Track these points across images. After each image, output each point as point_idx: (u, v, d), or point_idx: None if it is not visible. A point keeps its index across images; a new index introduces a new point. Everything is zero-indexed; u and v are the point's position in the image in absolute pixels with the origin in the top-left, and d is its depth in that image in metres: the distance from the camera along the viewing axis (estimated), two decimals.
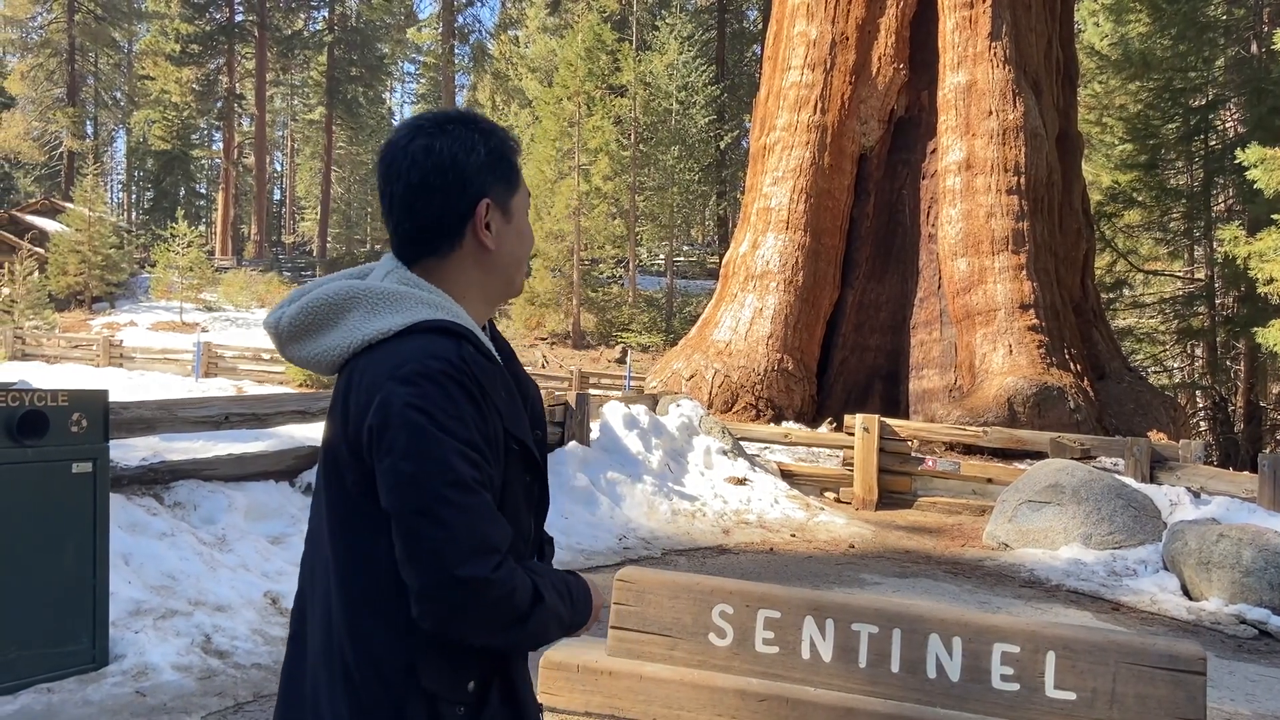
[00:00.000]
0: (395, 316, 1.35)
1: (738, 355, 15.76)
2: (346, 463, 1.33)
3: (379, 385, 1.29)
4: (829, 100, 16.38)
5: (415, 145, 1.43)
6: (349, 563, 1.34)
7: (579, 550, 7.00)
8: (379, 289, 1.39)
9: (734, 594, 4.01)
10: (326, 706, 1.34)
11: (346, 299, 1.39)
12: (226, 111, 55.36)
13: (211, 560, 4.79)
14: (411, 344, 1.32)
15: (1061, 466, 8.21)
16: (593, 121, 34.32)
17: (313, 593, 1.42)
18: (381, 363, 1.31)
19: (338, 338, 1.38)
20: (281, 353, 1.47)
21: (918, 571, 7.40)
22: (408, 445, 1.25)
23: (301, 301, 1.43)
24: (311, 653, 1.39)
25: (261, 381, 24.74)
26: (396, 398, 1.27)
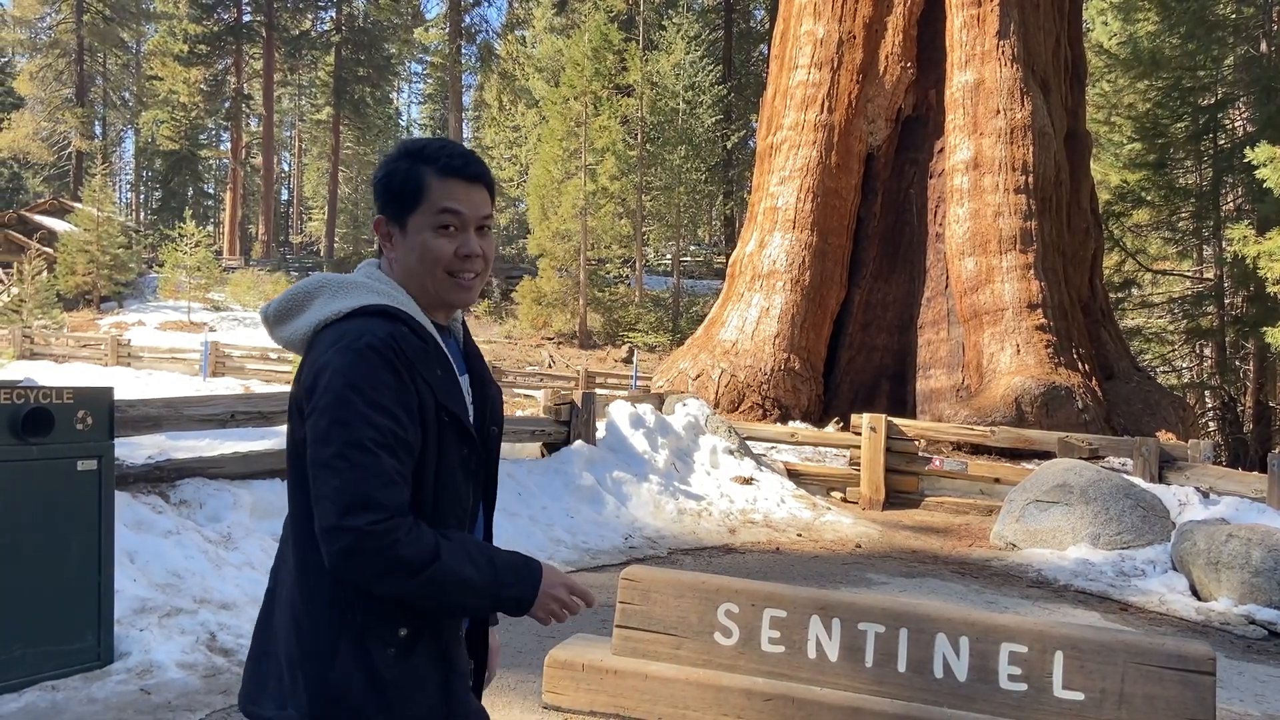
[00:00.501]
0: (346, 300, 1.59)
1: (744, 355, 15.74)
2: (298, 423, 1.55)
3: (321, 356, 1.52)
4: (836, 99, 16.35)
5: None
6: (302, 514, 1.55)
7: (585, 549, 6.98)
8: (342, 279, 1.65)
9: (740, 593, 3.99)
10: (282, 646, 1.56)
11: (316, 287, 1.66)
12: (234, 112, 55.49)
13: (217, 558, 4.78)
14: (352, 323, 1.55)
15: (1069, 466, 8.18)
16: (599, 121, 34.28)
17: (284, 548, 1.62)
18: (327, 338, 1.55)
19: (305, 320, 1.61)
20: (270, 336, 1.69)
21: (925, 571, 7.37)
22: (326, 405, 1.47)
23: (284, 291, 1.68)
24: (279, 601, 1.60)
25: (269, 380, 24.75)
26: (329, 366, 1.49)
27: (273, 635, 1.60)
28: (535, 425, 8.22)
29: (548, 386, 25.70)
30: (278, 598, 1.61)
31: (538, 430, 8.19)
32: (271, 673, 1.58)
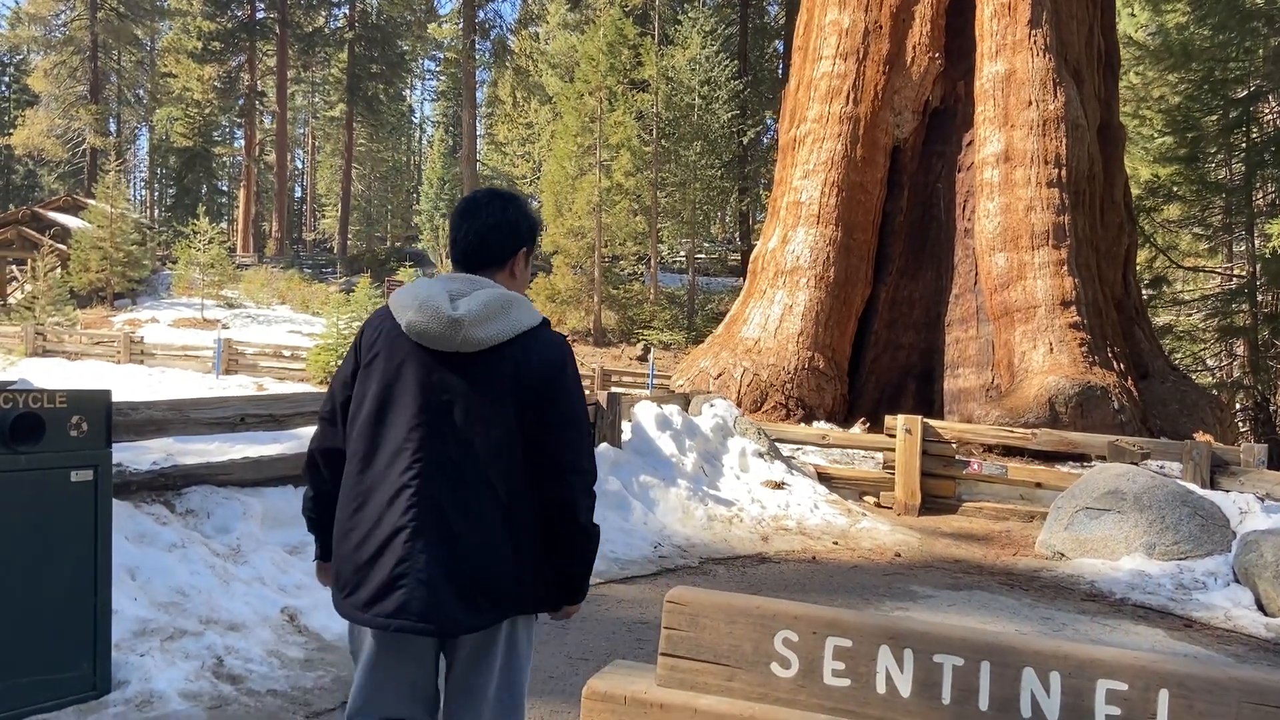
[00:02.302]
0: (535, 314, 2.26)
1: (767, 353, 15.35)
2: (513, 395, 2.16)
3: (556, 353, 2.27)
4: (862, 91, 15.94)
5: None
6: (508, 458, 2.20)
7: (613, 559, 6.62)
8: (519, 297, 2.28)
9: (799, 619, 3.61)
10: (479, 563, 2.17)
11: (510, 300, 2.23)
12: (248, 109, 55.38)
13: (225, 574, 4.44)
14: (554, 332, 2.30)
15: (1122, 472, 7.77)
16: (614, 117, 33.93)
17: (466, 492, 2.17)
18: (547, 339, 2.26)
19: (509, 323, 2.19)
20: (461, 333, 2.14)
21: (971, 583, 6.98)
22: (574, 388, 2.31)
23: (477, 300, 2.19)
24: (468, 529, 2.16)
25: (282, 379, 24.52)
26: (568, 361, 2.30)
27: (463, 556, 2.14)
28: None
29: None
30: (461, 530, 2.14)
31: None
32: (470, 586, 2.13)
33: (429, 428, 2.15)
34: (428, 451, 2.14)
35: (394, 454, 2.15)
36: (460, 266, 2.32)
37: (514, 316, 2.17)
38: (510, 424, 2.15)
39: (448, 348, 2.14)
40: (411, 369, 2.17)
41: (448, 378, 2.16)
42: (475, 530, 2.13)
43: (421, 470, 2.13)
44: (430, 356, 2.17)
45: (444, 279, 2.26)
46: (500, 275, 2.31)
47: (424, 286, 2.22)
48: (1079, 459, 12.76)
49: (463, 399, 2.15)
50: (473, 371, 2.16)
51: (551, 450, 2.18)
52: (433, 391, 2.16)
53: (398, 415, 2.17)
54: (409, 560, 2.10)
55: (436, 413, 2.15)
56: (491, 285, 2.23)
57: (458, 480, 2.13)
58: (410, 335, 2.17)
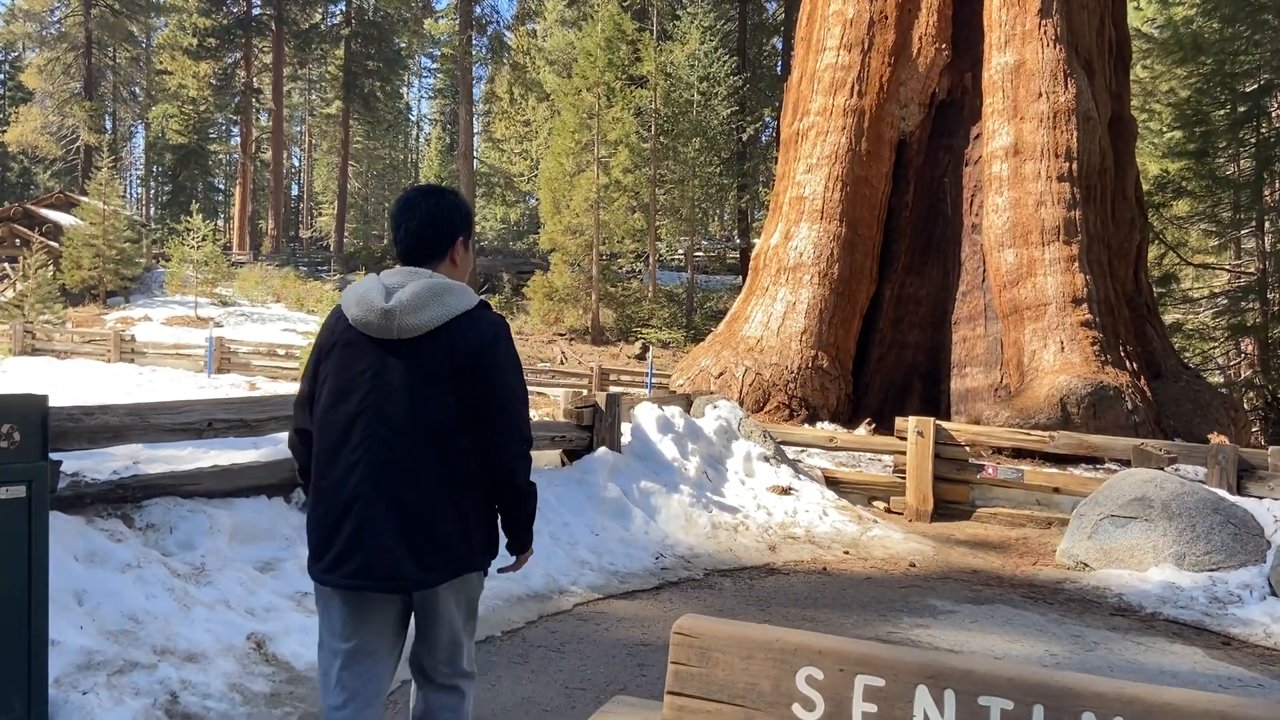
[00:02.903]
0: (469, 298, 2.50)
1: (769, 352, 14.94)
2: (449, 375, 2.40)
3: (487, 332, 2.49)
4: (867, 83, 15.53)
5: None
6: (450, 429, 2.45)
7: (612, 572, 6.21)
8: (454, 284, 2.51)
9: (824, 654, 3.21)
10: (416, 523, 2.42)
11: (443, 288, 2.46)
12: (244, 106, 54.87)
13: (185, 596, 4.02)
14: (491, 314, 2.54)
15: (1149, 477, 7.36)
16: (613, 113, 33.55)
17: (404, 453, 2.42)
18: (481, 320, 2.48)
19: (441, 309, 2.42)
20: (397, 321, 2.37)
21: (992, 596, 6.58)
22: (511, 365, 2.55)
23: (411, 289, 2.43)
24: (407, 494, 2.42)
25: (275, 378, 24.11)
26: (501, 340, 2.54)
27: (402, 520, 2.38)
28: (555, 430, 7.45)
29: (561, 385, 24.95)
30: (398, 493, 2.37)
31: (558, 436, 7.41)
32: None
33: (376, 407, 2.40)
34: (375, 428, 2.39)
35: (346, 432, 2.42)
36: (403, 261, 2.56)
37: (447, 302, 2.40)
38: (449, 399, 2.38)
39: (387, 335, 2.40)
40: (360, 356, 2.43)
41: (390, 361, 2.40)
42: (421, 497, 2.36)
43: (370, 445, 2.39)
44: (374, 344, 2.42)
45: (385, 274, 2.51)
46: (442, 265, 2.54)
47: (364, 283, 2.50)
48: (1092, 461, 12.38)
49: (403, 379, 2.39)
50: (411, 354, 2.40)
51: (488, 421, 2.42)
52: (378, 374, 2.41)
53: (350, 397, 2.43)
54: (363, 527, 2.37)
55: (383, 392, 2.40)
56: (427, 276, 2.45)
57: (403, 452, 2.37)
58: (356, 327, 2.43)
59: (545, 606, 5.46)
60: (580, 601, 5.68)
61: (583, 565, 6.09)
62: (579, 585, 5.85)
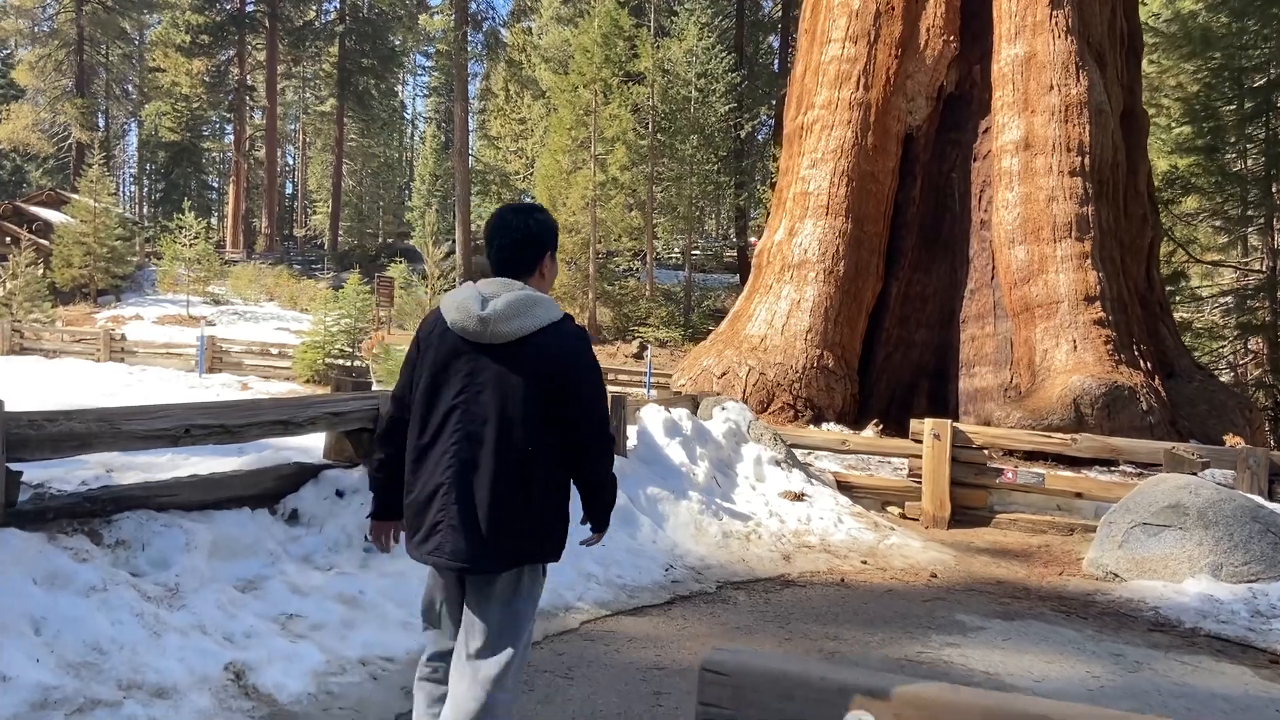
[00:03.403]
0: (555, 310, 2.72)
1: (774, 351, 14.58)
2: (542, 376, 2.63)
3: (570, 342, 2.71)
4: (873, 75, 15.18)
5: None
6: (534, 428, 2.67)
7: (620, 585, 5.84)
8: (541, 296, 2.74)
9: (875, 695, 2.82)
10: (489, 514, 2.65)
11: (533, 300, 2.69)
12: (237, 103, 54.45)
13: (156, 622, 3.64)
14: (574, 324, 2.75)
15: (1183, 484, 7.00)
16: (609, 110, 33.18)
17: (487, 450, 2.65)
18: (568, 331, 2.72)
19: (532, 319, 2.66)
20: (489, 330, 2.62)
21: (1022, 610, 6.21)
22: (592, 367, 2.78)
23: (503, 300, 2.66)
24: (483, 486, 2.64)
25: (268, 377, 23.69)
26: (583, 348, 2.77)
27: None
28: None
29: None
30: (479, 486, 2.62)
31: None
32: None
33: (466, 404, 2.64)
34: (464, 423, 2.63)
35: (439, 425, 2.66)
36: (496, 272, 2.76)
37: (535, 313, 2.62)
38: (532, 401, 2.60)
39: (481, 340, 2.63)
40: (454, 357, 2.67)
41: (481, 363, 2.64)
42: (497, 489, 2.58)
43: (458, 438, 2.62)
44: (469, 346, 2.65)
45: (481, 284, 2.72)
46: (531, 278, 2.75)
47: (462, 291, 2.71)
48: (1106, 464, 12.03)
49: (493, 380, 2.62)
50: (502, 358, 2.62)
51: (571, 421, 2.65)
52: (470, 375, 2.64)
53: (443, 394, 2.66)
54: (444, 510, 2.62)
55: (473, 392, 2.63)
56: (519, 288, 2.67)
57: (488, 448, 2.59)
58: (454, 330, 2.66)
59: (550, 625, 5.09)
60: (587, 619, 5.30)
61: (589, 579, 5.72)
62: (585, 601, 5.48)
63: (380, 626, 4.34)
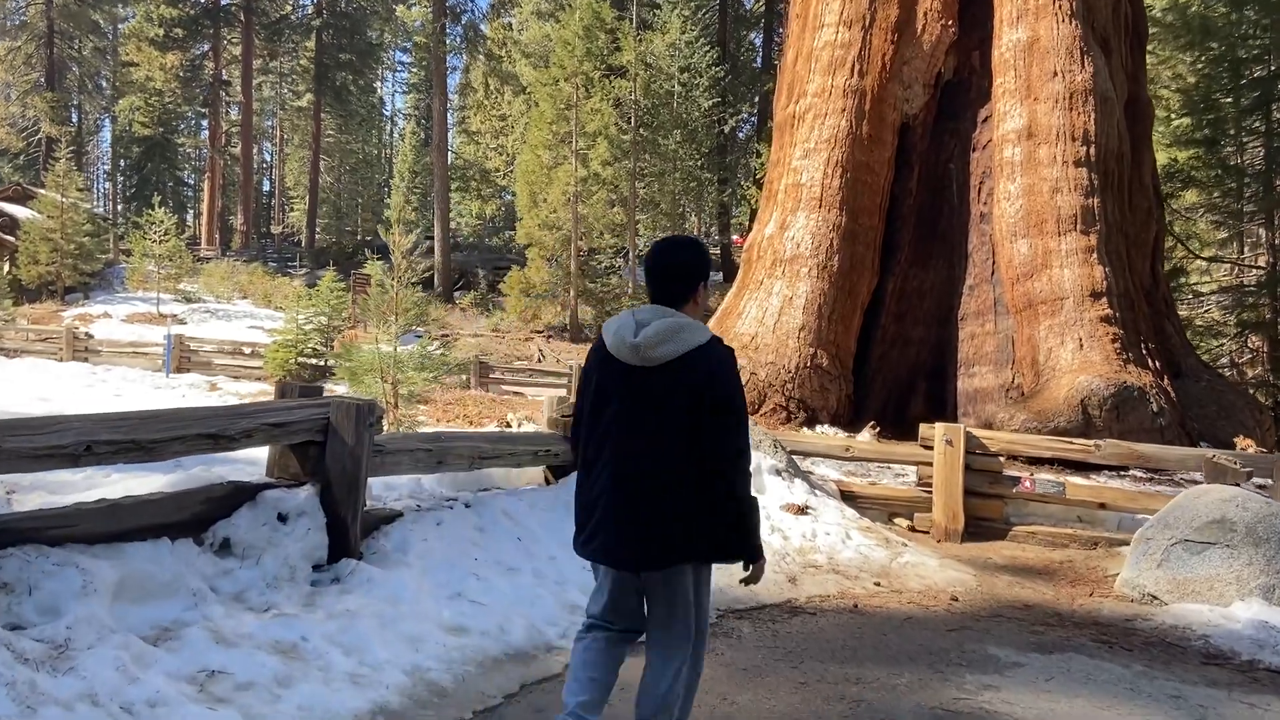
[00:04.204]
0: (704, 333, 2.97)
1: (765, 350, 13.91)
2: (691, 392, 2.87)
3: (719, 363, 2.94)
4: (868, 62, 14.52)
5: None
6: (677, 438, 2.91)
7: None
8: (693, 322, 3.00)
9: None
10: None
11: (681, 326, 2.95)
12: (212, 98, 53.35)
13: (32, 693, 2.90)
14: (721, 346, 2.98)
15: (1228, 496, 6.35)
16: (591, 104, 32.49)
17: (649, 463, 2.95)
18: (716, 352, 2.95)
19: (682, 342, 2.92)
20: (643, 354, 2.91)
21: (1058, 641, 5.54)
22: (736, 385, 2.98)
23: (654, 327, 2.94)
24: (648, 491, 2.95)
25: (237, 377, 22.88)
26: (727, 367, 2.96)
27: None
28: (537, 444, 6.34)
29: (539, 384, 23.81)
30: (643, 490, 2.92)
31: (541, 450, 6.30)
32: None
33: (625, 421, 2.97)
34: (623, 438, 2.96)
35: (602, 439, 3.01)
36: (652, 299, 3.06)
37: (684, 338, 2.91)
38: (683, 418, 2.89)
39: (636, 363, 2.94)
40: (614, 379, 3.01)
41: (637, 385, 2.96)
42: (654, 496, 2.90)
43: (617, 452, 2.96)
44: (626, 369, 2.98)
45: (637, 311, 3.03)
46: (686, 306, 3.04)
47: (620, 319, 3.05)
48: (1113, 469, 11.44)
49: (647, 400, 2.93)
50: (655, 379, 2.93)
51: (712, 438, 2.88)
52: (627, 395, 2.97)
53: (606, 412, 3.01)
54: (607, 515, 2.98)
55: (631, 410, 2.96)
56: (670, 315, 2.97)
57: (643, 459, 2.92)
58: (612, 354, 3.00)
59: (529, 670, 4.38)
60: None
61: (574, 611, 5.01)
62: (569, 638, 4.76)
63: (323, 680, 3.62)
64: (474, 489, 5.96)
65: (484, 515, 5.45)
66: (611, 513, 2.94)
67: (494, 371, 24.13)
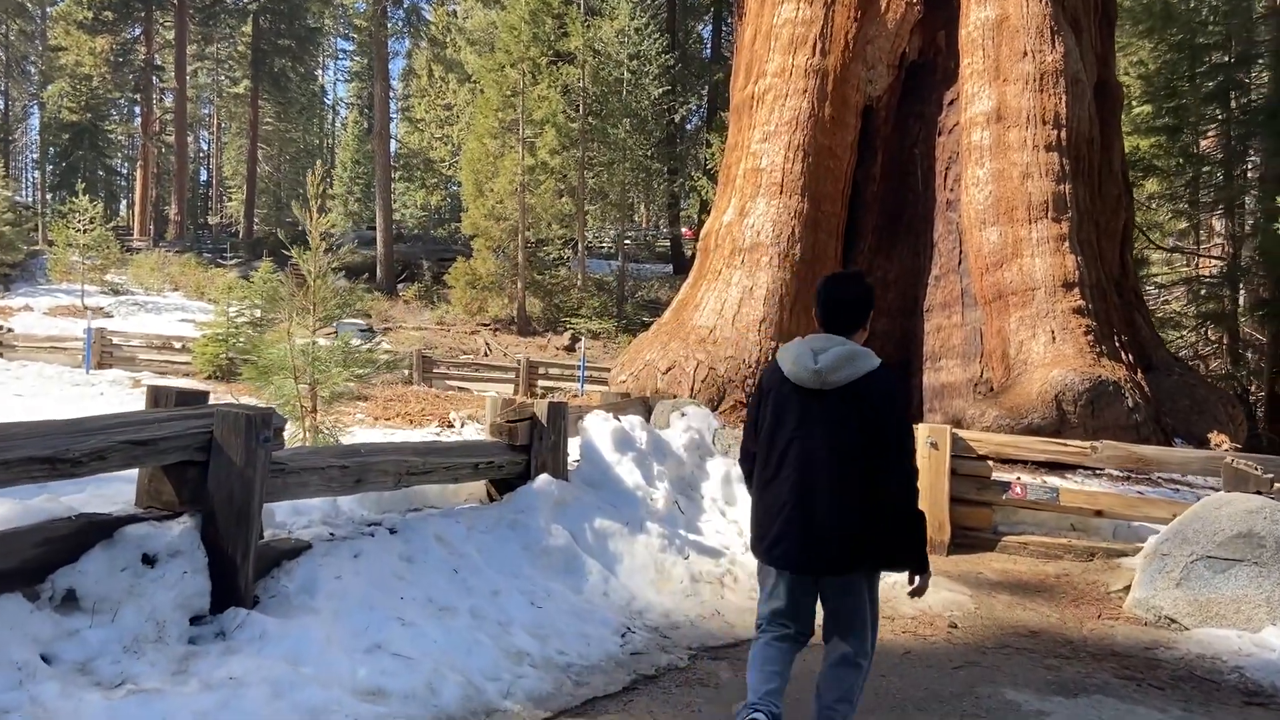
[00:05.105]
0: (873, 360, 3.30)
1: (724, 343, 13.12)
2: (864, 409, 3.20)
3: (888, 384, 3.34)
4: (830, 40, 13.78)
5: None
6: (860, 456, 3.23)
7: (562, 666, 4.30)
8: (864, 350, 3.32)
9: None
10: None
11: (853, 353, 3.28)
12: (144, 84, 51.39)
13: None
14: (887, 370, 3.32)
15: (1255, 507, 5.69)
16: (538, 91, 31.59)
17: (823, 473, 3.26)
18: (882, 375, 3.28)
19: (858, 367, 3.25)
20: (823, 378, 3.22)
21: (1079, 679, 4.82)
22: (902, 408, 3.43)
23: (831, 354, 3.26)
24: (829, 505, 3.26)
25: (164, 373, 21.64)
26: (895, 389, 3.40)
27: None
28: (478, 455, 5.44)
29: (485, 378, 22.86)
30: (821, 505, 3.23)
31: (482, 463, 5.41)
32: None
33: (802, 439, 3.27)
34: (801, 454, 3.26)
35: (782, 455, 3.31)
36: (825, 328, 3.39)
37: (858, 364, 3.23)
38: (856, 436, 3.18)
39: (815, 386, 3.25)
40: (791, 400, 3.31)
41: (814, 406, 3.26)
42: (831, 508, 3.19)
43: (797, 466, 3.26)
44: (802, 392, 3.29)
45: (810, 339, 3.36)
46: (855, 334, 3.38)
47: (796, 347, 3.35)
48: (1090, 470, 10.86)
49: (823, 420, 3.24)
50: (830, 401, 3.24)
51: (883, 455, 3.18)
52: (804, 415, 3.27)
53: (783, 430, 3.32)
54: (788, 525, 3.26)
55: (808, 429, 3.26)
56: (842, 343, 3.28)
57: (820, 474, 3.21)
58: (790, 379, 3.31)
59: None
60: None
61: (520, 660, 4.17)
62: (515, 696, 3.92)
63: None
64: (402, 509, 5.09)
65: (413, 542, 4.58)
66: (795, 524, 3.24)
67: (438, 366, 23.15)
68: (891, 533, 3.19)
